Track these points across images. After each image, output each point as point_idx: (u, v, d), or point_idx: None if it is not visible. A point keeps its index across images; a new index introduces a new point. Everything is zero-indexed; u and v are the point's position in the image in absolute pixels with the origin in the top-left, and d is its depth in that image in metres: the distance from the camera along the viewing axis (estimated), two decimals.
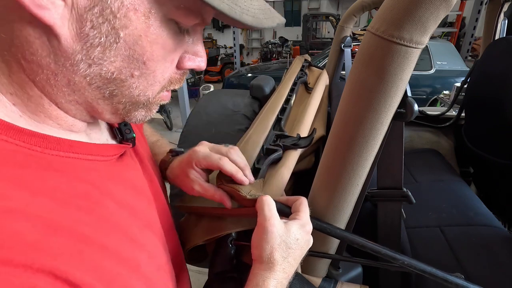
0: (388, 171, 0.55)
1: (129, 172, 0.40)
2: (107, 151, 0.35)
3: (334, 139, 0.48)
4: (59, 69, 0.27)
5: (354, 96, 0.43)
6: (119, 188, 0.35)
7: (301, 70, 1.33)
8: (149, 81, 0.31)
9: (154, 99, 0.35)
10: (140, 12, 0.27)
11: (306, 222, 0.43)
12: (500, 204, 1.29)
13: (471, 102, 1.41)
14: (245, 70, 4.81)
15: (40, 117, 0.30)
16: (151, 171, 0.47)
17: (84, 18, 0.25)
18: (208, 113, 1.23)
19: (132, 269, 0.30)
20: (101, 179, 0.32)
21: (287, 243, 0.40)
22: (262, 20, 0.31)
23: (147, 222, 0.38)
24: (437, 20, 0.36)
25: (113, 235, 0.30)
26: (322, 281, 0.57)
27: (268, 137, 0.72)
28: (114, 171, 0.36)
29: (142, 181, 0.42)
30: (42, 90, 0.28)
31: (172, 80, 0.35)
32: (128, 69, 0.29)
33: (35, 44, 0.26)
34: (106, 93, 0.30)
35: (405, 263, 0.47)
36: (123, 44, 0.27)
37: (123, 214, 0.33)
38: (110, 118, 0.34)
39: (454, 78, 3.34)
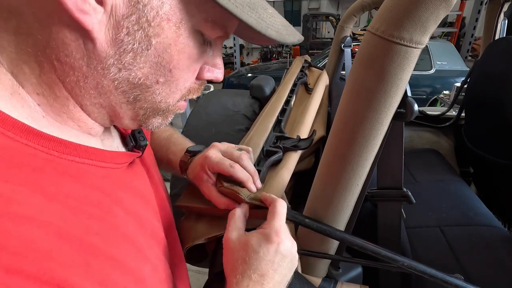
0: (388, 171, 0.55)
1: (138, 180, 0.40)
2: (119, 158, 0.36)
3: (334, 139, 0.48)
4: (90, 72, 0.28)
5: (354, 96, 0.43)
6: (128, 196, 0.35)
7: (301, 71, 1.33)
8: (171, 89, 0.33)
9: (172, 108, 0.36)
10: (172, 22, 0.28)
11: (272, 232, 0.38)
12: (500, 204, 1.29)
13: (471, 102, 1.41)
14: (245, 70, 4.81)
15: (63, 118, 0.30)
16: (156, 180, 0.47)
17: (120, 25, 0.26)
18: (208, 113, 1.23)
19: (137, 282, 0.30)
20: (113, 187, 0.32)
21: (243, 258, 0.37)
22: (285, 35, 0.33)
23: (152, 232, 0.38)
24: (437, 20, 0.36)
25: (121, 246, 0.30)
26: (322, 281, 0.57)
27: (268, 139, 0.72)
28: (124, 179, 0.36)
29: (149, 190, 0.42)
30: (70, 92, 0.29)
31: (191, 89, 0.37)
32: (155, 76, 0.30)
33: (70, 47, 0.26)
34: (131, 98, 0.31)
35: (405, 264, 0.47)
36: (154, 51, 0.29)
37: (131, 223, 0.33)
38: (128, 123, 0.35)
39: (454, 78, 3.34)
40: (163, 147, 0.62)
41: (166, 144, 0.62)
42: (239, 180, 0.49)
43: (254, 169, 0.52)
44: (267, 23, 0.31)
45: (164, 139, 0.63)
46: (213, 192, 0.50)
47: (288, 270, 0.39)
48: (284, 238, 0.39)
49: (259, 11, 0.30)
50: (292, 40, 0.34)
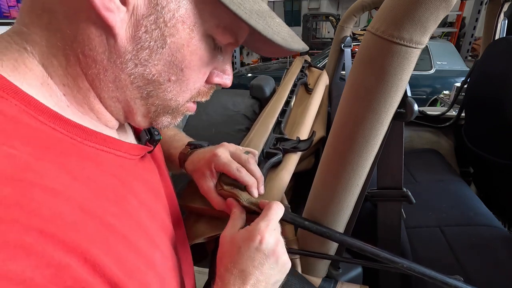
0: (388, 171, 0.55)
1: (149, 174, 0.42)
2: (132, 150, 0.38)
3: (334, 139, 0.48)
4: (109, 65, 0.30)
5: (354, 96, 0.43)
6: (141, 187, 0.37)
7: (301, 71, 1.33)
8: (182, 88, 0.35)
9: (182, 108, 0.38)
10: (186, 24, 0.30)
11: (255, 229, 0.39)
12: (500, 204, 1.29)
13: (471, 102, 1.41)
14: (245, 70, 4.81)
15: (84, 109, 0.32)
16: (166, 176, 0.49)
17: (140, 24, 0.29)
18: (208, 113, 1.23)
19: (149, 266, 0.32)
20: (127, 176, 0.35)
21: (229, 252, 0.39)
22: (290, 42, 0.34)
23: (162, 224, 0.40)
24: (437, 20, 0.36)
25: (135, 230, 0.32)
26: (322, 281, 0.57)
27: (268, 141, 0.72)
28: (137, 170, 0.38)
29: (159, 185, 0.44)
30: (91, 84, 0.31)
31: (200, 92, 0.38)
32: (167, 73, 0.32)
33: (94, 41, 0.29)
34: (144, 93, 0.33)
35: (404, 266, 0.47)
36: (168, 50, 0.31)
37: (143, 212, 0.35)
38: (140, 120, 0.37)
39: (454, 78, 3.33)
40: (165, 144, 0.63)
41: (169, 141, 0.64)
42: (244, 184, 0.49)
43: (261, 174, 0.52)
44: (274, 30, 0.33)
45: (168, 137, 0.65)
46: (212, 191, 0.50)
47: (275, 271, 0.39)
48: (268, 237, 0.38)
49: (267, 19, 0.32)
50: (298, 48, 0.36)
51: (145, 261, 0.31)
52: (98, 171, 0.30)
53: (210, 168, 0.51)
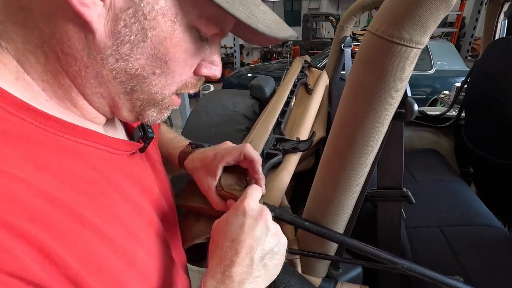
0: (388, 171, 0.55)
1: (139, 171, 0.42)
2: (119, 145, 0.37)
3: (334, 139, 0.48)
4: (90, 62, 0.30)
5: (354, 96, 0.43)
6: (126, 183, 0.36)
7: (301, 71, 1.33)
8: (167, 80, 0.34)
9: (167, 101, 0.37)
10: (167, 16, 0.30)
11: (238, 202, 0.40)
12: (500, 204, 1.29)
13: (471, 102, 1.41)
14: (245, 70, 4.81)
15: (66, 104, 0.32)
16: (162, 175, 0.49)
17: (118, 18, 0.28)
18: (208, 113, 1.23)
19: (128, 262, 0.31)
20: (109, 170, 0.34)
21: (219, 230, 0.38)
22: (275, 30, 0.33)
23: (150, 222, 0.39)
24: (437, 20, 0.36)
25: (114, 225, 0.31)
26: (322, 281, 0.57)
27: (268, 141, 0.72)
28: (124, 166, 0.38)
29: (151, 183, 0.44)
30: (72, 80, 0.31)
31: (188, 84, 0.38)
32: (151, 67, 0.32)
33: (73, 39, 0.29)
34: (128, 88, 0.33)
35: (404, 266, 0.47)
36: (150, 44, 0.30)
37: (126, 208, 0.34)
38: (126, 115, 0.36)
39: (454, 78, 3.33)
40: (164, 145, 0.64)
41: (168, 142, 0.64)
42: (250, 159, 0.50)
43: (263, 174, 0.53)
44: (258, 18, 0.32)
45: (168, 139, 0.65)
46: (212, 191, 0.51)
47: (267, 237, 0.38)
48: (251, 203, 0.39)
49: (250, 7, 0.31)
50: (284, 36, 0.34)
51: (124, 257, 0.31)
52: (72, 162, 0.30)
53: (212, 168, 0.51)
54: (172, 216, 0.48)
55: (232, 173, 0.53)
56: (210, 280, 0.34)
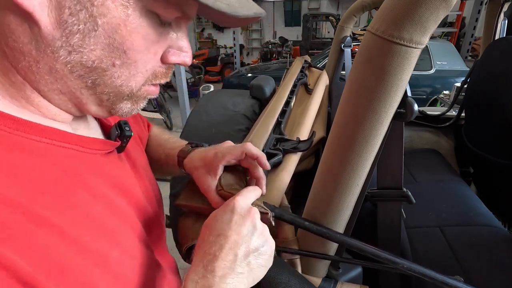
0: (388, 171, 0.55)
1: (116, 170, 0.40)
2: (90, 144, 0.35)
3: (334, 139, 0.48)
4: (40, 56, 0.28)
5: (354, 96, 0.43)
6: (99, 182, 0.35)
7: (301, 71, 1.34)
8: (131, 71, 0.32)
9: (140, 92, 0.35)
10: (118, 1, 0.28)
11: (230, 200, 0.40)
12: (500, 204, 1.29)
13: (471, 102, 1.41)
14: (245, 70, 4.81)
15: (21, 103, 0.30)
16: (147, 178, 0.48)
17: (62, 5, 0.26)
18: (208, 113, 1.22)
19: (98, 263, 0.30)
20: (77, 169, 0.33)
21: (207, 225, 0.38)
22: (237, 8, 0.31)
23: (129, 222, 0.38)
24: (437, 20, 0.36)
25: (81, 225, 0.30)
26: (322, 281, 0.57)
27: (268, 141, 0.72)
28: (96, 165, 0.36)
29: (131, 184, 0.42)
30: (24, 77, 0.29)
31: (157, 74, 0.36)
32: (109, 58, 0.30)
33: (17, 31, 0.27)
34: (89, 82, 0.31)
35: (404, 266, 0.47)
36: (102, 32, 0.28)
37: (98, 207, 0.33)
38: (96, 110, 0.35)
39: (454, 78, 3.33)
40: (160, 146, 0.63)
41: (164, 143, 0.63)
42: (254, 157, 0.50)
43: (263, 174, 0.53)
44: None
45: (164, 140, 0.64)
46: (212, 190, 0.50)
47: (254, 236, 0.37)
48: (241, 201, 0.39)
49: None
50: (246, 13, 0.32)
51: (92, 257, 0.29)
52: (32, 162, 0.28)
53: (212, 167, 0.51)
54: (155, 218, 0.47)
55: (232, 173, 0.53)
56: (192, 275, 0.34)
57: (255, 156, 0.50)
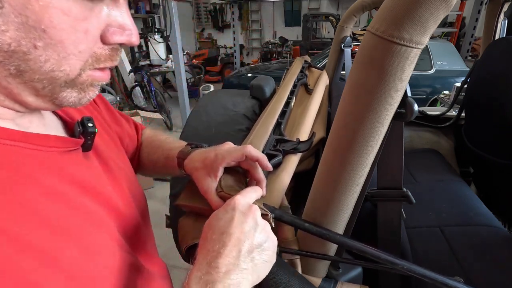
0: (388, 171, 0.55)
1: (76, 168, 0.37)
2: (42, 141, 0.34)
3: (334, 139, 0.48)
4: None
5: (354, 96, 0.43)
6: (53, 180, 0.33)
7: (301, 72, 1.34)
8: (60, 54, 0.29)
9: (82, 78, 0.32)
10: None
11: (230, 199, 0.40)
12: (500, 204, 1.29)
13: (471, 102, 1.41)
14: (245, 70, 4.81)
15: None
16: (116, 173, 0.46)
17: None
18: (208, 113, 1.22)
19: (44, 262, 0.28)
20: (25, 166, 0.31)
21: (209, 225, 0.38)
22: None
23: (94, 220, 0.36)
24: (437, 20, 0.36)
25: (26, 222, 0.28)
26: (322, 281, 0.57)
27: (268, 142, 0.72)
28: (52, 163, 0.34)
29: (98, 182, 0.41)
30: None
31: (98, 56, 0.33)
32: (28, 39, 0.27)
33: None
34: (12, 69, 0.28)
35: (404, 267, 0.47)
36: (10, 9, 0.25)
37: (50, 205, 0.32)
38: (36, 102, 0.32)
39: (454, 78, 3.34)
40: (159, 147, 0.62)
41: (162, 145, 0.63)
42: (254, 159, 0.50)
43: (264, 175, 0.53)
44: None
45: (160, 141, 0.64)
46: (211, 192, 0.50)
47: (257, 231, 0.38)
48: (241, 199, 0.39)
49: None
50: None
51: (38, 256, 0.28)
52: None
53: (213, 168, 0.50)
54: (134, 221, 0.45)
55: (232, 175, 0.53)
56: (195, 272, 0.33)
57: (256, 158, 0.50)
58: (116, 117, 0.58)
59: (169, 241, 0.89)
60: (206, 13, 9.57)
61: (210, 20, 9.55)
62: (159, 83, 5.82)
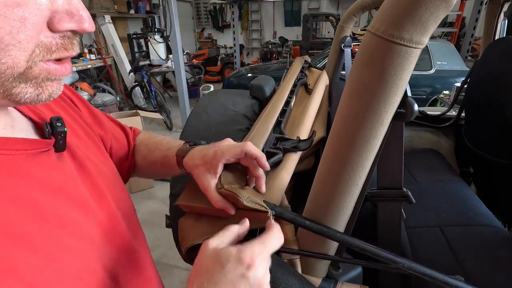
0: (388, 171, 0.55)
1: (45, 171, 0.36)
2: (8, 144, 0.33)
3: (334, 139, 0.48)
4: None
5: (354, 96, 0.43)
6: (20, 185, 0.32)
7: (301, 72, 1.34)
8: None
9: (34, 71, 0.30)
10: None
11: (247, 252, 0.34)
12: (500, 204, 1.29)
13: (471, 102, 1.41)
14: (245, 70, 4.81)
15: None
16: (93, 174, 0.44)
17: None
18: (208, 113, 1.22)
19: (1, 270, 0.27)
20: None
21: (208, 268, 0.34)
22: None
23: (64, 224, 0.35)
24: (437, 20, 0.36)
25: None
26: (322, 281, 0.57)
27: (268, 140, 0.72)
28: (18, 167, 0.33)
29: (69, 183, 0.39)
30: None
31: (49, 46, 0.31)
32: None
33: None
34: None
35: (405, 266, 0.47)
36: None
37: (13, 211, 0.30)
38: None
39: (454, 78, 3.34)
40: (157, 149, 0.62)
41: (159, 146, 0.62)
42: (253, 156, 0.50)
43: (263, 173, 0.53)
44: None
45: (156, 142, 0.64)
46: (212, 189, 0.50)
47: None
48: (258, 265, 0.33)
49: None
50: None
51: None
52: None
53: (212, 165, 0.50)
54: (113, 220, 0.44)
55: (232, 171, 0.53)
56: None
57: (255, 156, 0.50)
58: (99, 120, 0.57)
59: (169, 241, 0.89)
60: (206, 13, 9.57)
61: (210, 20, 9.55)
62: (159, 83, 5.82)
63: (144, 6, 6.15)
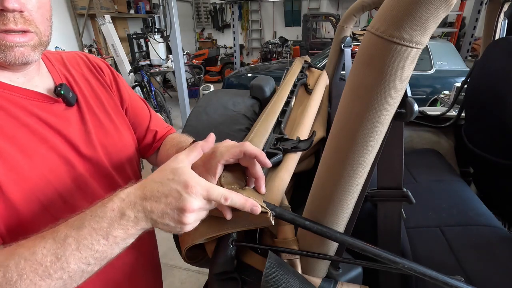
0: (388, 171, 0.55)
1: (52, 116, 0.53)
2: (25, 93, 0.51)
3: (334, 139, 0.48)
4: None
5: (354, 96, 0.43)
6: (32, 119, 0.50)
7: (301, 72, 1.34)
8: None
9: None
10: None
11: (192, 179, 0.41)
12: (500, 204, 1.29)
13: (471, 102, 1.41)
14: (245, 70, 4.81)
15: None
16: (90, 129, 0.59)
17: None
18: (208, 113, 1.22)
19: (7, 166, 0.45)
20: (10, 106, 0.48)
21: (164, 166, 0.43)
22: None
23: (53, 149, 0.51)
24: (437, 20, 0.36)
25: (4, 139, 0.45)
26: (322, 281, 0.57)
27: (268, 140, 0.72)
28: (32, 108, 0.51)
29: (68, 129, 0.55)
30: None
31: None
32: None
33: None
34: None
35: (405, 266, 0.47)
36: None
37: (23, 132, 0.49)
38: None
39: (454, 78, 3.34)
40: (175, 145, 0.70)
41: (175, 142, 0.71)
42: (252, 156, 0.51)
43: (263, 173, 0.53)
44: None
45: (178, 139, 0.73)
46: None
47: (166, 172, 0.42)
48: (194, 188, 0.40)
49: None
50: None
51: (3, 161, 0.45)
52: None
53: (212, 166, 0.50)
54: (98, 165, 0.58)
55: (231, 172, 0.53)
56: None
57: (254, 155, 0.50)
58: (120, 89, 0.71)
59: (169, 241, 0.89)
60: (206, 13, 9.57)
61: (210, 20, 9.55)
62: (159, 83, 5.82)
63: (144, 6, 6.15)
